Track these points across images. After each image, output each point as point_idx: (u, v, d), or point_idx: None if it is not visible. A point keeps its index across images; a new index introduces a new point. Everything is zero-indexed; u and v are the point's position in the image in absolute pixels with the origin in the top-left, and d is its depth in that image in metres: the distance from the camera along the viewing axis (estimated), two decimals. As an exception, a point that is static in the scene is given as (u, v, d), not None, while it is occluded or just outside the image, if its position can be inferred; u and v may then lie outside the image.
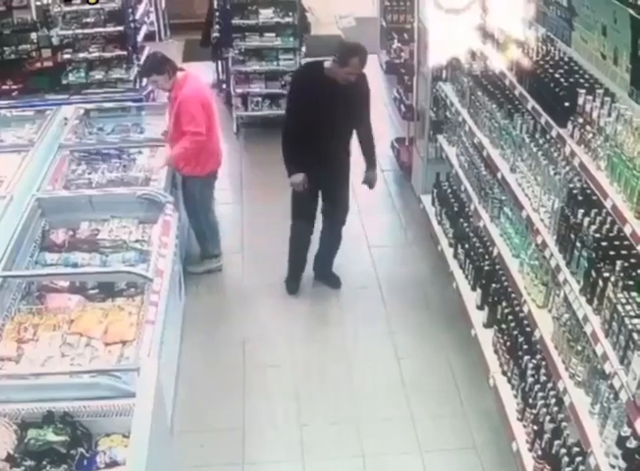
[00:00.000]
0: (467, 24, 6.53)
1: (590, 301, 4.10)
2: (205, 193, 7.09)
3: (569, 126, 4.47)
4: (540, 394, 4.74)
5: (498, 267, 5.86)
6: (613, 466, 3.78)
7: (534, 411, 4.74)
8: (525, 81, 5.28)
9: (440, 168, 7.64)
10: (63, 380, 4.26)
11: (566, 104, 4.51)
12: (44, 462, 3.83)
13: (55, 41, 9.78)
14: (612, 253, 3.97)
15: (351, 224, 8.12)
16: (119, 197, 6.18)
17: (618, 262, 3.87)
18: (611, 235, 4.08)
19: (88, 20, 9.74)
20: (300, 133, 6.20)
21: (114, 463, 3.90)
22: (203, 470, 5.15)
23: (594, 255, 4.05)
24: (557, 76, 4.74)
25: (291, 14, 10.32)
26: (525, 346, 5.11)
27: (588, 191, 4.32)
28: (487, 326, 5.87)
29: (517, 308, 5.34)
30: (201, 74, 11.44)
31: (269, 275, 7.27)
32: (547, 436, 4.49)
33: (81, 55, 9.76)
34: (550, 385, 4.73)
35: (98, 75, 9.86)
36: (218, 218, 7.45)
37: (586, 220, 4.18)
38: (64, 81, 9.75)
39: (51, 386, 4.20)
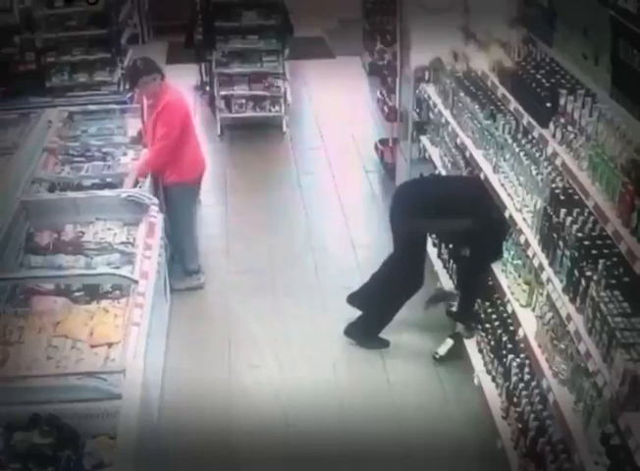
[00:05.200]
0: (449, 25, 6.56)
1: (573, 300, 4.12)
2: (188, 203, 7.02)
3: (551, 126, 4.50)
4: (524, 393, 4.77)
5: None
6: (597, 463, 3.80)
7: (519, 409, 4.77)
8: (507, 82, 5.32)
9: (423, 168, 7.65)
10: (49, 382, 4.26)
11: (548, 105, 4.54)
12: (30, 465, 3.82)
13: (38, 44, 9.75)
14: (594, 252, 3.99)
15: (336, 224, 8.19)
16: (103, 199, 6.16)
17: (601, 261, 3.90)
18: (593, 234, 4.11)
19: (72, 22, 9.74)
20: None
21: (100, 465, 3.91)
22: (190, 471, 5.16)
23: (576, 254, 4.07)
24: (538, 76, 4.77)
25: (274, 16, 10.34)
26: (509, 345, 5.13)
27: (570, 191, 4.35)
28: (471, 325, 5.89)
29: (501, 307, 5.38)
30: (185, 76, 11.54)
31: (254, 276, 7.29)
32: (531, 433, 4.52)
33: (65, 58, 9.75)
34: (534, 383, 4.76)
35: (82, 77, 9.86)
36: (197, 230, 7.43)
37: (568, 219, 4.20)
38: (47, 84, 9.74)
39: (37, 388, 4.20)
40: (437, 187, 6.34)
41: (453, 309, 6.15)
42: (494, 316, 5.45)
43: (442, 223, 5.78)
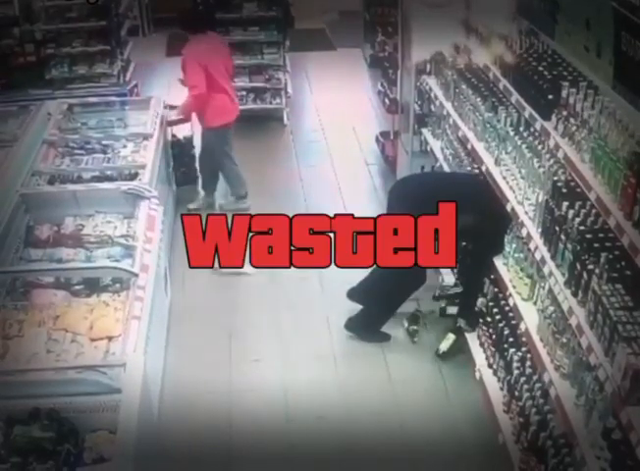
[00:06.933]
0: (451, 18, 6.53)
1: (575, 294, 4.11)
2: (218, 144, 8.03)
3: (553, 118, 4.47)
4: (526, 387, 4.76)
5: (483, 260, 5.87)
6: (598, 458, 3.79)
7: (520, 403, 4.76)
8: (509, 75, 5.29)
9: (424, 161, 7.63)
10: (49, 376, 4.26)
11: (550, 97, 4.52)
12: (30, 459, 3.83)
13: (38, 36, 9.75)
14: (596, 245, 3.98)
15: (337, 217, 8.14)
16: (103, 192, 6.16)
17: (603, 254, 3.88)
18: (595, 227, 4.09)
19: (71, 14, 9.71)
20: None
21: (100, 459, 3.91)
22: (190, 467, 5.14)
23: (578, 247, 4.06)
24: (540, 69, 4.75)
25: (274, 8, 10.31)
26: (511, 339, 5.12)
27: (572, 184, 4.33)
28: (472, 319, 5.88)
29: (503, 301, 5.36)
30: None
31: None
32: (533, 428, 4.51)
33: (65, 50, 9.73)
34: (535, 377, 4.75)
35: (82, 69, 9.85)
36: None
37: (570, 212, 4.19)
38: (47, 76, 9.73)
39: (37, 382, 4.20)
40: (433, 182, 6.29)
41: (448, 312, 6.14)
42: (495, 310, 5.43)
43: None
